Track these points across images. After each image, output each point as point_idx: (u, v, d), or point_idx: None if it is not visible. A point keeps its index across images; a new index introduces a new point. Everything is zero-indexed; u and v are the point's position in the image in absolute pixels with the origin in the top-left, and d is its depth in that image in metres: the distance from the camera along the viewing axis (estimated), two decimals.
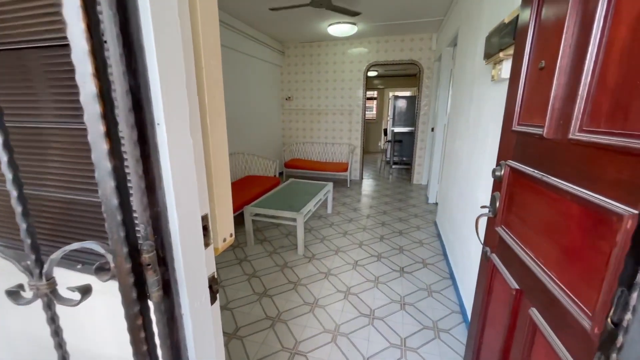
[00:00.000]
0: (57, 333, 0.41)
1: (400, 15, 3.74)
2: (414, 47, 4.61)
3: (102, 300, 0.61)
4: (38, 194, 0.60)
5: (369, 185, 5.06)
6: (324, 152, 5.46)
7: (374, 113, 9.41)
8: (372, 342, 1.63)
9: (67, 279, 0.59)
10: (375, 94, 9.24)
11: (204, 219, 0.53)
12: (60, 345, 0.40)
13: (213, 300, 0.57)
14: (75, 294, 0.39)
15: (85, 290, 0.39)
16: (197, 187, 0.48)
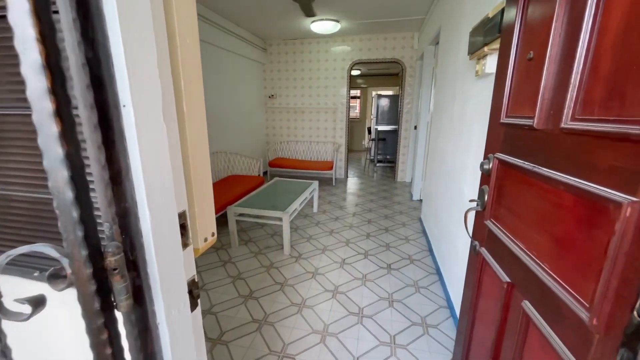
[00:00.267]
0: (4, 354, 0.35)
1: (382, 14, 3.75)
2: (397, 45, 4.65)
3: (66, 313, 0.54)
4: None
5: (354, 184, 5.07)
6: (309, 150, 5.41)
7: (357, 112, 9.46)
8: (361, 340, 1.61)
9: (21, 289, 0.52)
10: (359, 93, 9.28)
11: (182, 217, 0.48)
12: None
13: (194, 307, 0.52)
14: (26, 307, 0.33)
15: (38, 302, 0.33)
16: (172, 179, 0.43)
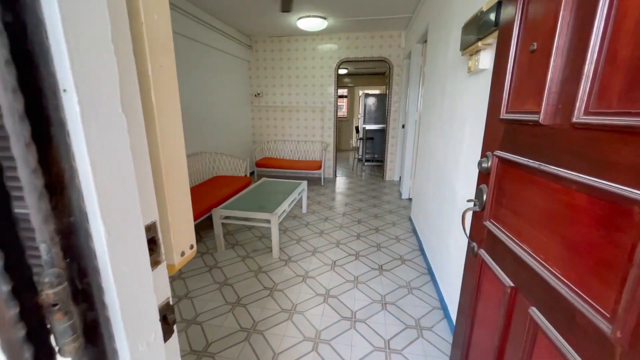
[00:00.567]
0: None
1: (369, 11, 3.71)
2: (384, 44, 4.63)
3: None
4: None
5: (343, 183, 5.02)
6: (297, 150, 5.33)
7: (345, 111, 9.43)
8: (355, 347, 1.55)
9: None
10: (346, 92, 9.25)
11: (151, 230, 0.39)
12: None
13: (168, 335, 0.44)
14: None
15: None
16: (136, 185, 0.35)
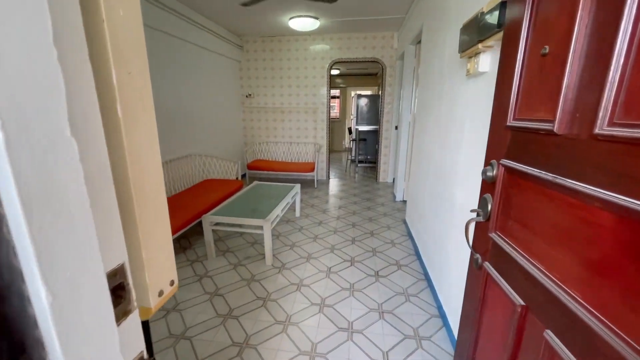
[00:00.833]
0: None
1: (361, 11, 3.66)
2: (376, 45, 4.59)
3: None
4: None
5: (336, 185, 4.96)
6: (289, 151, 5.24)
7: (337, 112, 9.38)
8: None
9: None
10: (338, 93, 9.21)
11: (116, 275, 0.32)
12: None
13: None
14: None
15: None
16: (93, 224, 0.27)
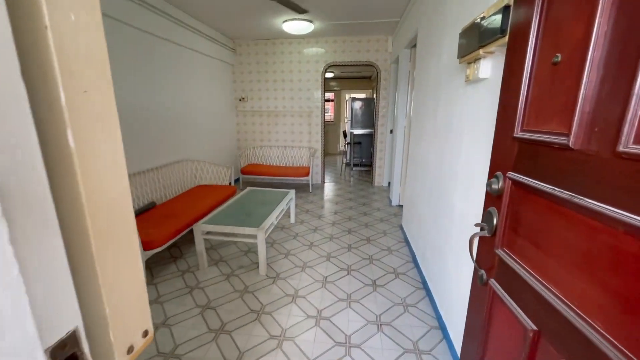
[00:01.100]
0: None
1: (354, 15, 3.63)
2: (371, 48, 4.57)
3: None
4: None
5: (332, 190, 4.91)
6: (284, 156, 5.17)
7: (331, 115, 9.35)
8: None
9: None
10: (332, 96, 9.18)
11: (67, 345, 0.26)
12: None
13: None
14: None
15: None
16: (24, 292, 0.21)
